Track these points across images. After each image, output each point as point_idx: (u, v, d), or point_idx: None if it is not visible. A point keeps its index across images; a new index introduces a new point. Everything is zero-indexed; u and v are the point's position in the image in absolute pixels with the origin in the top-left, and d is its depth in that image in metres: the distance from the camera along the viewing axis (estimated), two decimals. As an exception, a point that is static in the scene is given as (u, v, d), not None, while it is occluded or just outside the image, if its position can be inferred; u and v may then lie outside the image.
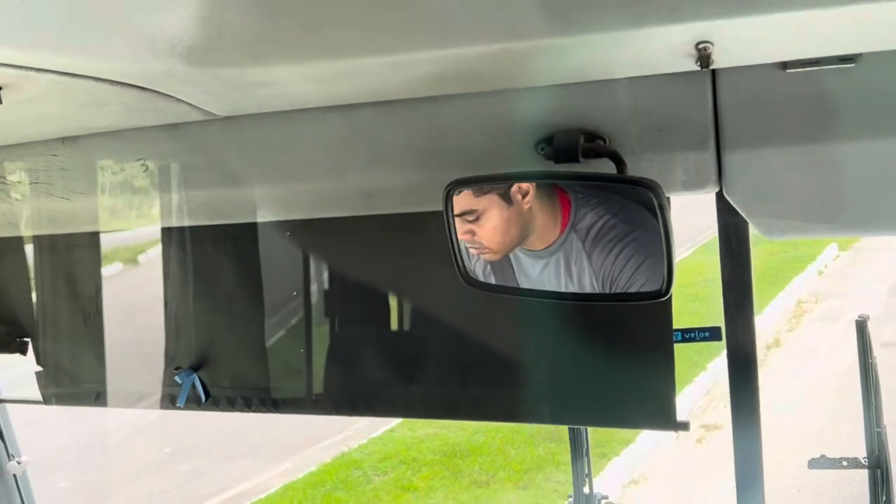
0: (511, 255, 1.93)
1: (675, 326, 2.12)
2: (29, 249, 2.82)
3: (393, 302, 2.45)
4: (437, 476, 9.19)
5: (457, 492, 8.91)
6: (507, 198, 1.83)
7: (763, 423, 2.20)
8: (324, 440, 9.89)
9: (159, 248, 2.57)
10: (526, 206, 1.84)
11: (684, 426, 2.13)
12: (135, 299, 2.86)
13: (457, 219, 1.84)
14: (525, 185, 1.83)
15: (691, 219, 2.08)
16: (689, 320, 2.18)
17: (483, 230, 1.86)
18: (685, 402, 9.27)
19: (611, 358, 2.20)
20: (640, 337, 2.15)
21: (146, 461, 9.31)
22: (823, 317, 12.45)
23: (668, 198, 1.71)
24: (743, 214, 1.87)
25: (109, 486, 9.11)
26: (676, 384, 2.13)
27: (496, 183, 1.83)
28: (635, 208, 1.75)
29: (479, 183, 1.84)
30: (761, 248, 12.85)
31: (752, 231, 2.02)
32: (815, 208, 1.81)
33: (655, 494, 7.83)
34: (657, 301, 1.73)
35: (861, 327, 2.54)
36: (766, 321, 12.07)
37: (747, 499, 2.25)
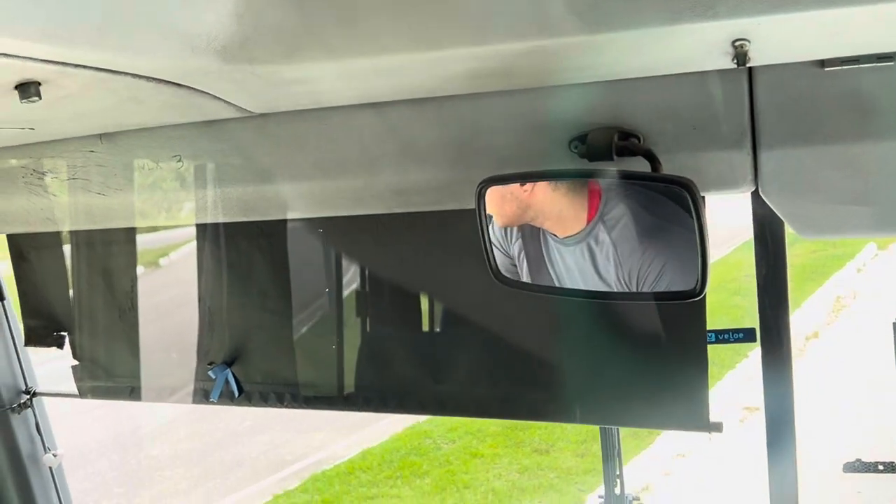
0: (542, 242, 1.92)
1: (715, 323, 2.10)
2: (66, 244, 2.86)
3: (424, 299, 2.45)
4: (501, 445, 9.90)
5: (519, 458, 9.70)
6: None
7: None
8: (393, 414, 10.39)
9: (192, 244, 2.60)
10: (524, 192, 1.84)
11: (717, 427, 2.11)
12: (170, 295, 2.88)
13: None
14: None
15: (731, 217, 2.07)
16: (733, 313, 2.17)
17: (488, 198, 1.86)
18: (728, 384, 9.54)
19: (643, 358, 2.19)
20: (674, 337, 2.14)
21: (229, 433, 10.23)
22: (861, 312, 12.66)
23: (703, 197, 1.70)
24: (779, 214, 1.85)
25: (203, 453, 9.96)
26: (718, 374, 2.11)
27: (529, 181, 1.82)
28: (667, 204, 1.74)
29: (512, 180, 1.83)
30: (801, 246, 14.36)
31: (789, 230, 2.00)
32: (852, 208, 1.78)
33: (701, 466, 8.30)
34: (691, 301, 1.72)
35: (898, 330, 2.50)
36: (806, 315, 12.43)
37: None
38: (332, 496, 9.35)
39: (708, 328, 2.14)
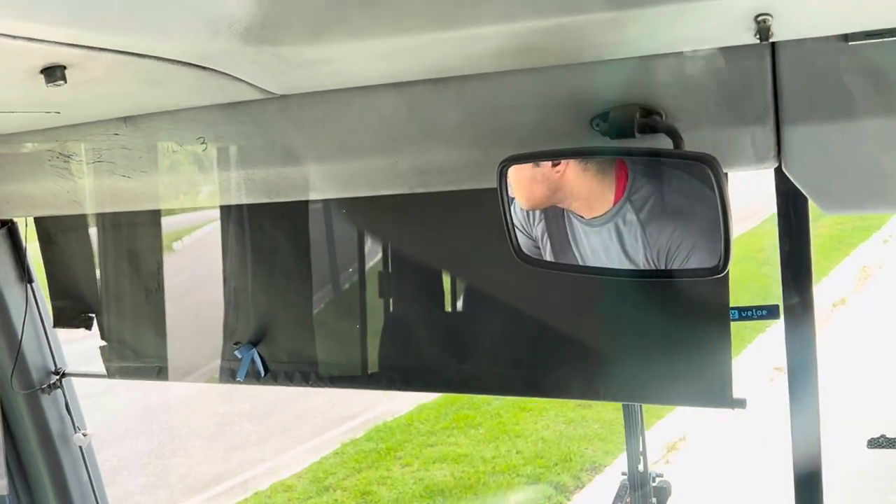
0: (566, 223, 1.92)
1: (745, 291, 2.10)
2: (93, 227, 2.89)
3: (447, 279, 2.46)
4: (548, 400, 10.08)
5: (565, 411, 10.68)
6: None
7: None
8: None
9: (214, 226, 2.62)
10: (556, 174, 1.83)
11: (740, 403, 2.11)
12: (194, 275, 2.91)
13: None
14: None
15: (762, 187, 2.07)
16: (762, 282, 2.17)
17: (512, 177, 1.85)
18: (759, 347, 9.99)
19: (666, 335, 2.19)
20: (697, 314, 2.13)
21: (286, 395, 11.06)
22: (887, 282, 13.32)
23: (726, 173, 1.69)
24: (802, 190, 1.84)
25: (265, 412, 11.01)
26: (749, 336, 2.11)
27: (550, 159, 1.82)
28: (693, 183, 1.73)
29: (533, 159, 1.83)
30: (828, 219, 14.14)
31: (813, 205, 1.99)
32: (877, 184, 1.77)
33: (733, 421, 8.31)
34: (714, 277, 1.72)
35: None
36: (833, 283, 13.24)
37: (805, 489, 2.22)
38: (394, 444, 10.32)
39: (733, 304, 2.14)
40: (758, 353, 9.77)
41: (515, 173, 1.84)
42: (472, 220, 2.30)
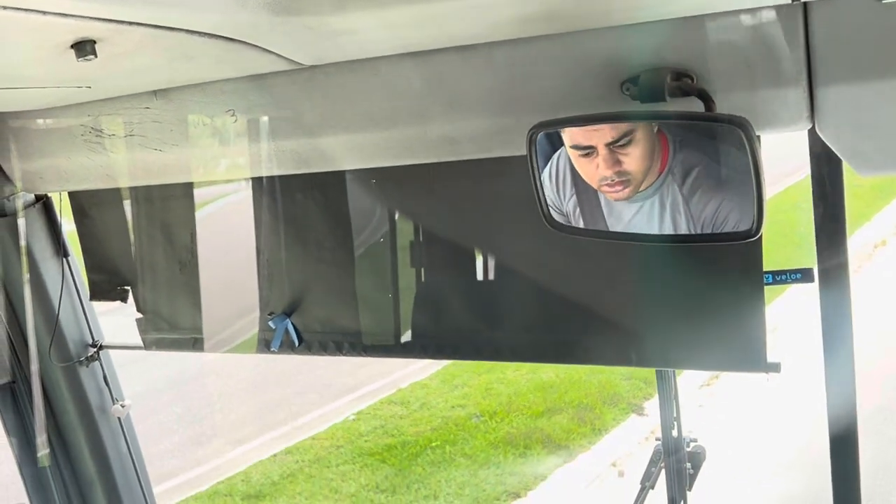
0: (601, 197, 1.90)
1: (790, 233, 2.08)
2: (126, 200, 2.92)
3: (477, 247, 2.46)
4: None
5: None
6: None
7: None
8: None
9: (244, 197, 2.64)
10: (626, 157, 1.79)
11: (775, 367, 2.10)
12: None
13: (602, 150, 1.79)
14: None
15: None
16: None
17: (632, 156, 1.79)
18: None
19: (699, 300, 2.18)
20: (730, 278, 2.12)
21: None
22: None
23: (759, 136, 1.67)
24: (836, 151, 1.82)
25: (295, 373, 11.36)
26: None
27: (580, 125, 1.81)
28: (726, 147, 1.72)
29: (563, 125, 1.82)
30: None
31: (847, 167, 1.97)
32: None
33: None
34: (747, 241, 1.70)
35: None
36: (875, 227, 14.76)
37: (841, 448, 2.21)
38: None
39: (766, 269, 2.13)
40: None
41: (635, 153, 1.79)
42: (503, 188, 2.30)
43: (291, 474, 9.12)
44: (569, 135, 1.82)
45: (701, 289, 2.17)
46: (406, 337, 2.57)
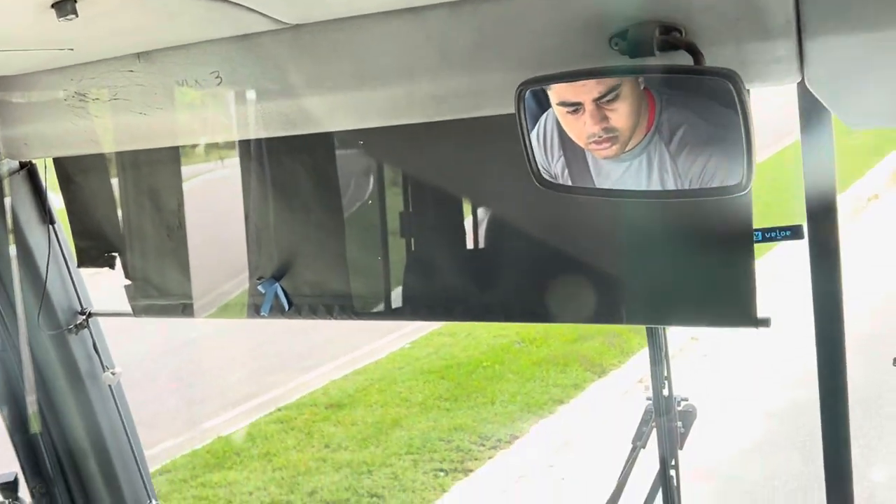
0: (589, 158, 1.88)
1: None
2: (112, 166, 2.90)
3: (467, 207, 2.45)
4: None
5: None
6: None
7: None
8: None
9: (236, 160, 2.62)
10: (613, 113, 1.78)
11: (765, 323, 2.10)
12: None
13: (588, 106, 1.77)
14: None
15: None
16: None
17: (619, 113, 1.77)
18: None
19: (689, 257, 2.18)
20: (720, 234, 2.12)
21: None
22: None
23: (748, 90, 1.66)
24: (825, 104, 1.81)
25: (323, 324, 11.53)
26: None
27: (569, 80, 1.79)
28: (716, 103, 1.70)
29: (551, 81, 1.81)
30: (864, 131, 16.10)
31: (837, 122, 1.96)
32: None
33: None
34: (737, 196, 1.70)
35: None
36: (869, 182, 15.86)
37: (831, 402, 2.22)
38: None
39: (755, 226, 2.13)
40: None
41: (622, 109, 1.77)
42: (492, 148, 2.29)
43: (364, 389, 10.51)
44: (556, 92, 1.80)
45: (691, 246, 2.17)
46: (396, 299, 2.57)
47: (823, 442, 2.26)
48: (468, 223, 2.46)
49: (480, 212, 2.45)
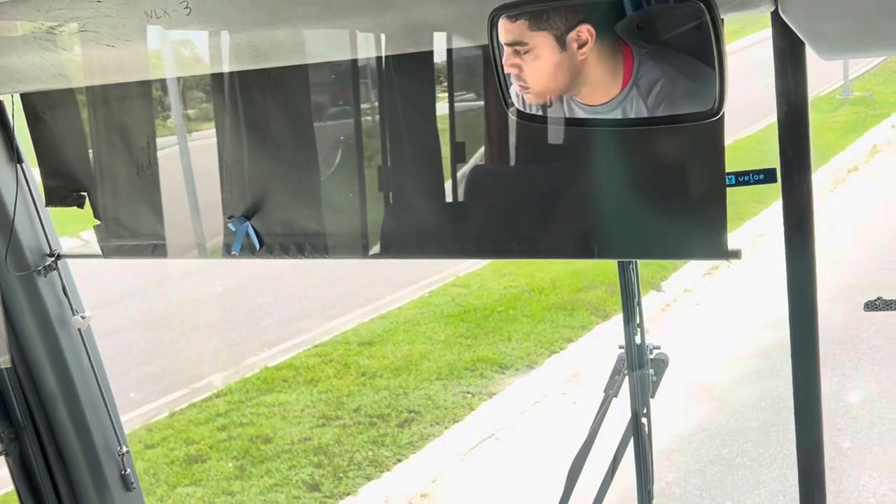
0: (565, 106, 1.86)
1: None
2: (80, 102, 2.84)
3: (441, 141, 2.42)
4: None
5: None
6: (562, 41, 1.74)
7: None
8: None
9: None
10: (581, 57, 1.75)
11: (735, 254, 2.10)
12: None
13: (506, 48, 1.78)
14: (584, 35, 1.73)
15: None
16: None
17: (529, 68, 1.77)
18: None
19: (662, 191, 2.17)
20: (692, 167, 2.11)
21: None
22: (891, 156, 17.82)
23: (722, 19, 1.65)
24: (798, 34, 1.79)
25: (360, 271, 13.13)
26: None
27: (542, 4, 1.76)
28: (692, 38, 1.68)
29: (523, 7, 1.78)
30: (845, 110, 21.59)
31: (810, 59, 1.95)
32: (875, 23, 1.72)
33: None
34: (710, 121, 1.69)
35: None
36: (848, 156, 17.67)
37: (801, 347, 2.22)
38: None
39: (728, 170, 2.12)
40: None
41: (534, 65, 1.76)
42: (462, 80, 2.26)
43: (391, 329, 11.75)
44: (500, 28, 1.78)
45: (663, 180, 2.16)
46: (368, 237, 2.54)
47: (794, 394, 2.26)
48: (443, 159, 2.43)
49: (454, 146, 2.42)
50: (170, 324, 12.53)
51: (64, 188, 2.98)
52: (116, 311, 12.05)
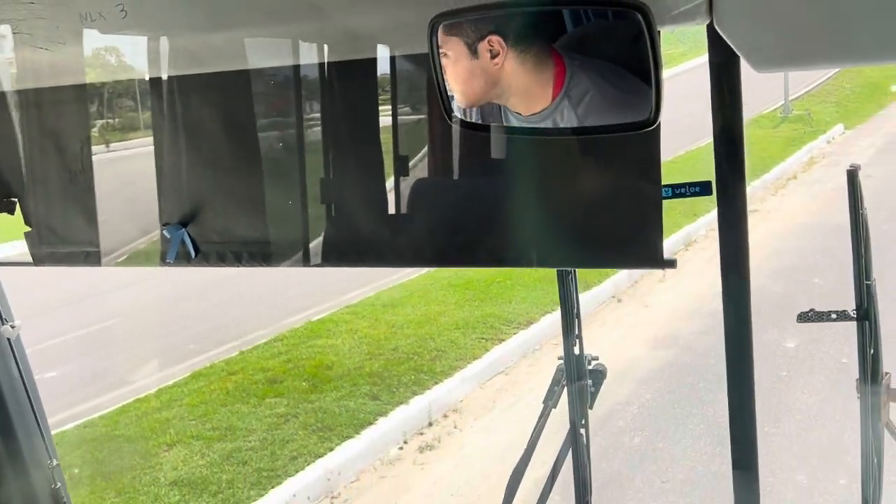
0: (503, 115, 1.88)
1: None
2: (12, 105, 2.78)
3: (382, 149, 2.41)
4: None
5: None
6: (473, 49, 1.77)
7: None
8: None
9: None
10: (495, 66, 1.77)
11: (671, 264, 2.13)
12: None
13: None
14: (496, 45, 1.76)
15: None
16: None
17: (448, 72, 1.81)
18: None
19: (599, 201, 2.19)
20: (629, 178, 2.13)
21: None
22: (827, 165, 20.65)
23: (659, 31, 1.67)
24: (733, 47, 1.82)
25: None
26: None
27: (482, 13, 1.77)
28: (627, 49, 1.70)
29: (464, 15, 1.78)
30: (786, 126, 24.64)
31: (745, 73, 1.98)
32: (810, 37, 1.75)
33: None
34: (645, 130, 1.71)
35: (852, 177, 2.51)
36: (788, 166, 20.46)
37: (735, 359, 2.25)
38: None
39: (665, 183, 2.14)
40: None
41: (452, 69, 1.79)
42: (407, 87, 2.26)
43: (407, 296, 13.72)
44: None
45: (601, 190, 2.17)
46: (306, 245, 2.52)
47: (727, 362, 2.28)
48: (384, 166, 2.42)
49: (394, 154, 2.41)
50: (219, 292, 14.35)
51: None
52: (181, 281, 14.48)
